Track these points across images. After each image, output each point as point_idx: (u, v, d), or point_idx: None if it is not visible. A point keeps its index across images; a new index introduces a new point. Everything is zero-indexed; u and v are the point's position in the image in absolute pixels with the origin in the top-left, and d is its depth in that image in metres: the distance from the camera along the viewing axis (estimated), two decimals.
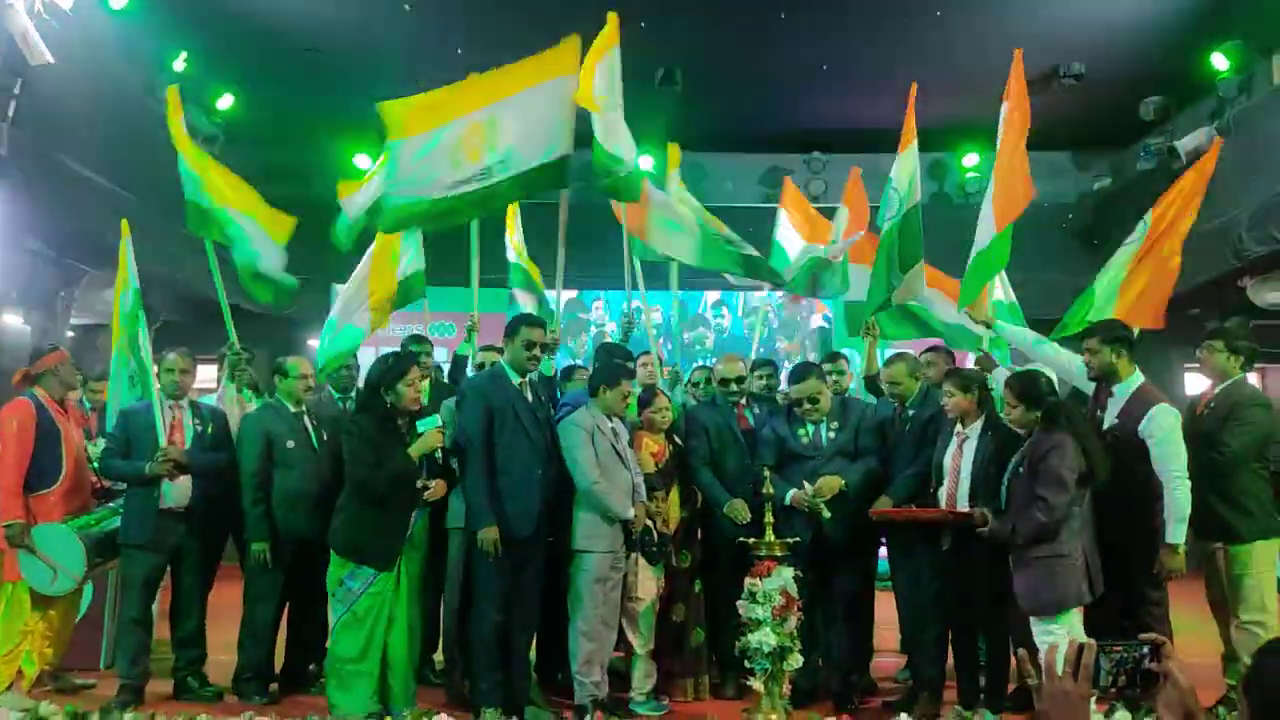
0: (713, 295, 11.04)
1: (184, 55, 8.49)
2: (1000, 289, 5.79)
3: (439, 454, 4.44)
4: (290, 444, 4.73)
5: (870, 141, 7.88)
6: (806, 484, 4.50)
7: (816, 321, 10.99)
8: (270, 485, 4.69)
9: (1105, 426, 4.29)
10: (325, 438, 4.80)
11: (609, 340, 8.18)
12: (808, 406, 4.64)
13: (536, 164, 4.58)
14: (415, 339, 5.32)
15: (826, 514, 4.46)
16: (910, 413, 4.71)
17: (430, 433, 4.28)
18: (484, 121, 4.60)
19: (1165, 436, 4.08)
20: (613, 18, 4.72)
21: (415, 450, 4.23)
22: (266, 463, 4.69)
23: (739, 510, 4.62)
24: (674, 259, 5.49)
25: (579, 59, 4.61)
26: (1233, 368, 4.55)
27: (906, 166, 5.21)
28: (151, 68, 8.48)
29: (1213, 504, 4.34)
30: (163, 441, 4.59)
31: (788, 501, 4.49)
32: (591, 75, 4.61)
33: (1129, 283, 5.01)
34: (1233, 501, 4.37)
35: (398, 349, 5.03)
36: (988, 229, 4.90)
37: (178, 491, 4.62)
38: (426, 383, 4.82)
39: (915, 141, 5.27)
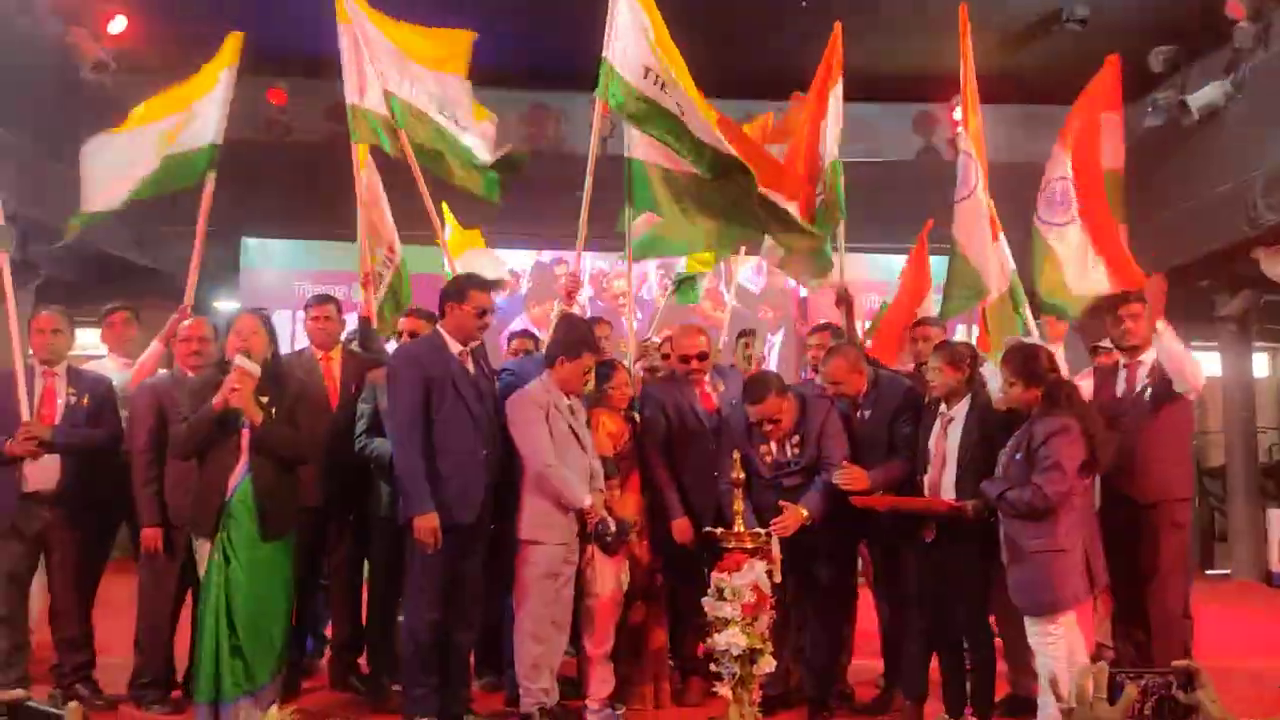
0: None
1: None
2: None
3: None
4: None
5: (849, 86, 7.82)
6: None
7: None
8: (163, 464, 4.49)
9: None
10: None
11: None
12: (769, 427, 4.47)
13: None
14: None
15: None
16: (866, 414, 4.57)
17: (233, 374, 3.88)
18: None
19: None
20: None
21: (217, 397, 3.87)
22: (160, 438, 4.49)
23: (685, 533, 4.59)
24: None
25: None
26: None
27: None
28: None
29: None
30: (26, 414, 4.39)
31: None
32: None
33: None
34: None
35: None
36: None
37: (41, 472, 4.45)
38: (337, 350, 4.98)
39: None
